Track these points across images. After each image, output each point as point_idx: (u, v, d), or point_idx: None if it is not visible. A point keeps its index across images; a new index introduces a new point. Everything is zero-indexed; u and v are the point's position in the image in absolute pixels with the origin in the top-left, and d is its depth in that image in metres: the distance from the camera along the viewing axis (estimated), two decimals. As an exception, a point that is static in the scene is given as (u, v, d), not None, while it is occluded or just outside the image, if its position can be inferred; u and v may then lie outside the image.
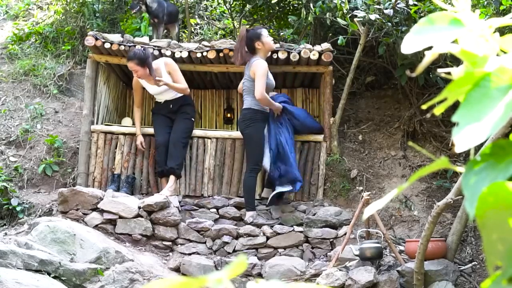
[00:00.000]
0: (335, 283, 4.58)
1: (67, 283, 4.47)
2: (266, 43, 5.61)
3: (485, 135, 0.73)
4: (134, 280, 4.68)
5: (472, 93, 0.77)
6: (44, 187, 5.94)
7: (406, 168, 6.14)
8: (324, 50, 5.89)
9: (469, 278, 4.85)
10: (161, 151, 5.79)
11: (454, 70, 0.83)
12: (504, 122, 0.72)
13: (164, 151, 5.78)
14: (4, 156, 6.14)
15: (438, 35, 0.82)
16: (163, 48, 6.06)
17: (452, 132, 0.75)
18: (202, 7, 8.32)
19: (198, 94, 7.09)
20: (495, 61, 0.77)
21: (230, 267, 0.71)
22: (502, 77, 0.76)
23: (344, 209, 5.74)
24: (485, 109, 0.74)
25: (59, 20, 7.76)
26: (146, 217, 5.41)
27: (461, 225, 4.83)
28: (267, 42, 5.62)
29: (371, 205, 0.87)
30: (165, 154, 5.78)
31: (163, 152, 5.78)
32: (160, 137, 5.83)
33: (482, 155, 0.78)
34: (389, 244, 4.89)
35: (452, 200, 4.33)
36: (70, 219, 5.25)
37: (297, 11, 6.86)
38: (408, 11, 5.63)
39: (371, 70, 6.85)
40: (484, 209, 0.73)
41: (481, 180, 0.75)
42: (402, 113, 6.46)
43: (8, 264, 4.35)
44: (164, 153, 5.78)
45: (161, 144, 5.79)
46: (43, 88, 6.82)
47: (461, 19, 0.83)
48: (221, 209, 5.75)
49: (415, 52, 0.85)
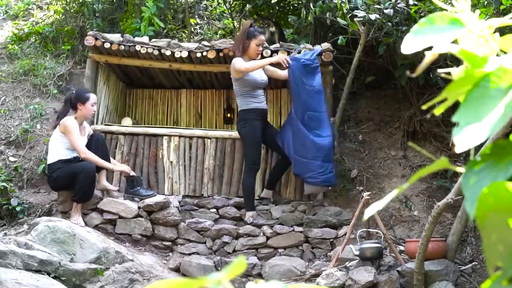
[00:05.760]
0: (335, 283, 4.58)
1: (67, 283, 4.47)
2: (252, 48, 5.55)
3: (485, 135, 0.73)
4: (134, 280, 4.68)
5: (472, 93, 0.76)
6: (44, 187, 5.94)
7: (406, 168, 6.14)
8: (324, 50, 5.88)
9: (469, 278, 4.85)
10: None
11: (454, 70, 0.82)
12: (504, 122, 0.72)
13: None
14: (4, 156, 6.14)
15: (438, 35, 0.82)
16: (163, 48, 6.06)
17: (452, 132, 0.75)
18: (202, 7, 8.32)
19: (198, 94, 7.09)
20: (495, 61, 0.77)
21: (230, 267, 0.71)
22: (502, 77, 0.76)
23: (344, 209, 5.74)
24: (485, 109, 0.74)
25: (59, 20, 7.76)
26: (146, 217, 5.41)
27: (461, 225, 4.83)
28: (253, 48, 5.54)
29: (372, 205, 0.87)
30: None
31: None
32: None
33: (482, 155, 0.77)
34: (389, 244, 4.89)
35: (452, 200, 4.33)
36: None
37: (297, 11, 6.86)
38: (408, 11, 5.63)
39: (371, 70, 6.85)
40: (484, 209, 0.73)
41: (481, 180, 0.75)
42: (402, 113, 6.46)
43: (8, 264, 4.35)
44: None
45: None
46: (42, 88, 6.82)
47: (461, 19, 0.83)
48: (221, 209, 5.75)
49: (415, 52, 0.85)
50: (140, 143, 6.10)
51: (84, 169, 5.15)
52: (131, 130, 6.15)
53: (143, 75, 6.84)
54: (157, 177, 6.06)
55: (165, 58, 6.15)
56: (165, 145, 6.07)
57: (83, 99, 5.41)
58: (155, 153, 6.03)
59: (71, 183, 5.21)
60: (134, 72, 6.78)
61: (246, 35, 5.53)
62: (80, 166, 5.19)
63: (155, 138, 6.11)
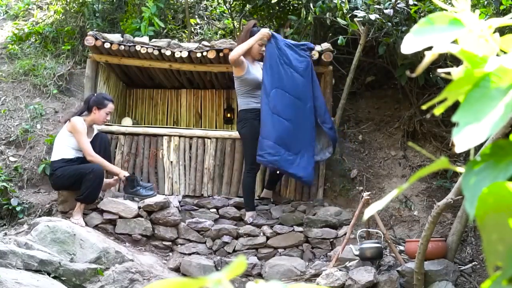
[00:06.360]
0: (335, 283, 4.58)
1: (67, 283, 4.47)
2: (254, 48, 5.52)
3: (485, 135, 0.73)
4: (134, 280, 4.68)
5: (472, 93, 0.77)
6: (44, 187, 5.94)
7: (406, 168, 6.14)
8: (324, 50, 5.88)
9: (469, 278, 4.85)
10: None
11: (454, 70, 0.82)
12: (504, 122, 0.72)
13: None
14: (4, 156, 6.13)
15: (438, 35, 0.82)
16: (163, 48, 6.06)
17: (452, 132, 0.75)
18: (202, 7, 8.32)
19: (198, 94, 7.09)
20: (495, 61, 0.77)
21: (230, 267, 0.71)
22: (502, 77, 0.76)
23: (344, 209, 5.74)
24: (485, 109, 0.74)
25: (59, 20, 7.76)
26: (146, 217, 5.41)
27: (461, 225, 4.83)
28: (256, 48, 5.52)
29: (372, 205, 0.87)
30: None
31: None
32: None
33: (482, 155, 0.77)
34: (389, 244, 4.89)
35: (452, 200, 4.33)
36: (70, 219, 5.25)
37: (297, 11, 6.86)
38: (408, 11, 5.63)
39: (371, 70, 6.85)
40: (484, 209, 0.73)
41: (481, 180, 0.75)
42: (402, 113, 6.47)
43: (8, 264, 4.35)
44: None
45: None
46: (43, 88, 6.82)
47: (461, 19, 0.83)
48: (221, 209, 5.75)
49: (415, 52, 0.85)
50: (140, 143, 6.10)
51: (93, 170, 5.16)
52: (131, 130, 6.16)
53: (143, 75, 6.84)
54: (157, 177, 6.06)
55: (165, 58, 6.15)
56: (165, 145, 6.07)
57: (100, 104, 5.43)
58: (155, 153, 6.03)
59: (74, 183, 5.21)
60: (134, 72, 6.78)
61: (249, 35, 5.53)
62: (89, 167, 5.20)
63: (155, 138, 6.11)
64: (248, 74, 5.49)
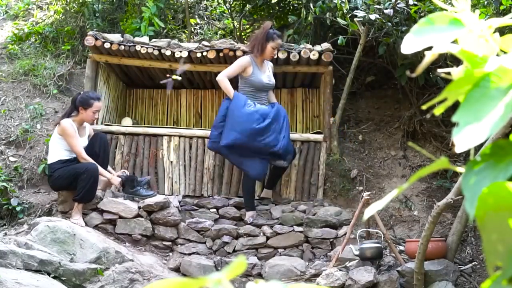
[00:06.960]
0: (335, 283, 4.58)
1: (67, 283, 4.47)
2: (268, 50, 5.61)
3: (485, 135, 0.73)
4: (134, 280, 4.68)
5: (472, 93, 0.76)
6: (44, 187, 5.93)
7: (406, 168, 6.14)
8: (324, 50, 5.88)
9: (469, 278, 4.85)
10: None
11: (454, 70, 0.82)
12: (504, 122, 0.72)
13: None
14: (4, 156, 6.13)
15: (438, 35, 0.82)
16: (163, 48, 6.06)
17: (452, 132, 0.75)
18: (202, 7, 8.32)
19: (198, 94, 7.08)
20: (495, 61, 0.77)
21: (230, 267, 0.71)
22: (502, 77, 0.76)
23: (344, 209, 5.74)
24: (485, 109, 0.74)
25: (59, 20, 7.76)
26: (146, 217, 5.41)
27: (461, 225, 4.83)
28: (269, 50, 5.61)
29: (372, 205, 0.87)
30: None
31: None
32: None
33: (482, 155, 0.77)
34: (389, 244, 4.89)
35: (452, 200, 4.33)
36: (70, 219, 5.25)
37: (297, 11, 6.86)
38: (408, 11, 5.63)
39: (371, 70, 6.85)
40: (484, 209, 0.73)
41: (481, 180, 0.75)
42: (402, 113, 6.46)
43: (8, 264, 4.35)
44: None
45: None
46: (43, 88, 6.81)
47: (461, 19, 0.83)
48: (221, 209, 5.75)
49: (415, 52, 0.85)
50: (140, 143, 6.10)
51: (87, 169, 5.15)
52: (131, 130, 6.15)
53: (143, 75, 6.84)
54: (157, 177, 6.06)
55: (165, 58, 6.15)
56: (165, 145, 6.07)
57: (86, 104, 5.38)
58: (155, 153, 6.03)
59: (72, 183, 5.21)
60: (134, 72, 6.78)
61: (266, 37, 5.58)
62: (83, 166, 5.19)
63: (155, 138, 6.11)
64: (253, 76, 5.57)
